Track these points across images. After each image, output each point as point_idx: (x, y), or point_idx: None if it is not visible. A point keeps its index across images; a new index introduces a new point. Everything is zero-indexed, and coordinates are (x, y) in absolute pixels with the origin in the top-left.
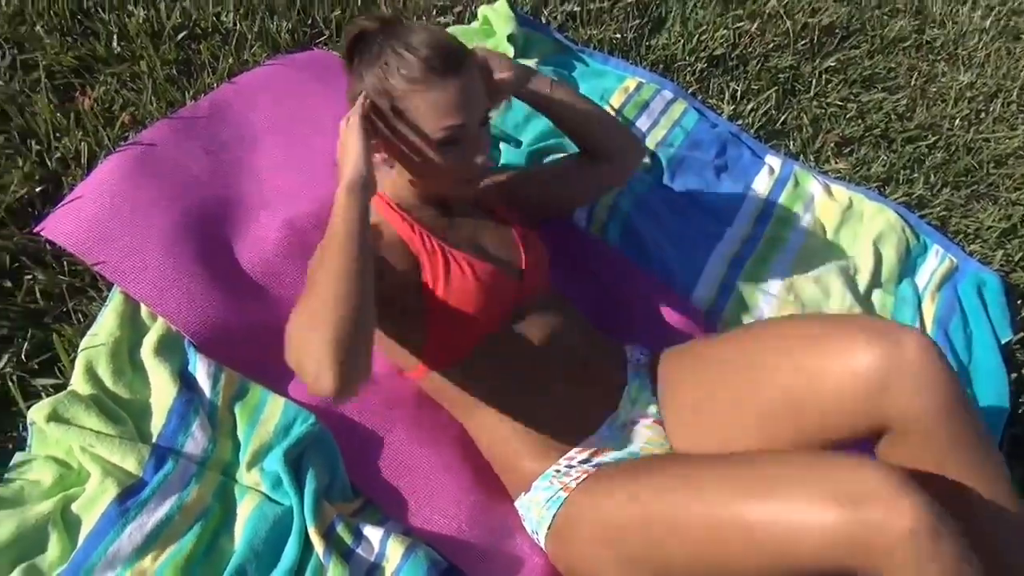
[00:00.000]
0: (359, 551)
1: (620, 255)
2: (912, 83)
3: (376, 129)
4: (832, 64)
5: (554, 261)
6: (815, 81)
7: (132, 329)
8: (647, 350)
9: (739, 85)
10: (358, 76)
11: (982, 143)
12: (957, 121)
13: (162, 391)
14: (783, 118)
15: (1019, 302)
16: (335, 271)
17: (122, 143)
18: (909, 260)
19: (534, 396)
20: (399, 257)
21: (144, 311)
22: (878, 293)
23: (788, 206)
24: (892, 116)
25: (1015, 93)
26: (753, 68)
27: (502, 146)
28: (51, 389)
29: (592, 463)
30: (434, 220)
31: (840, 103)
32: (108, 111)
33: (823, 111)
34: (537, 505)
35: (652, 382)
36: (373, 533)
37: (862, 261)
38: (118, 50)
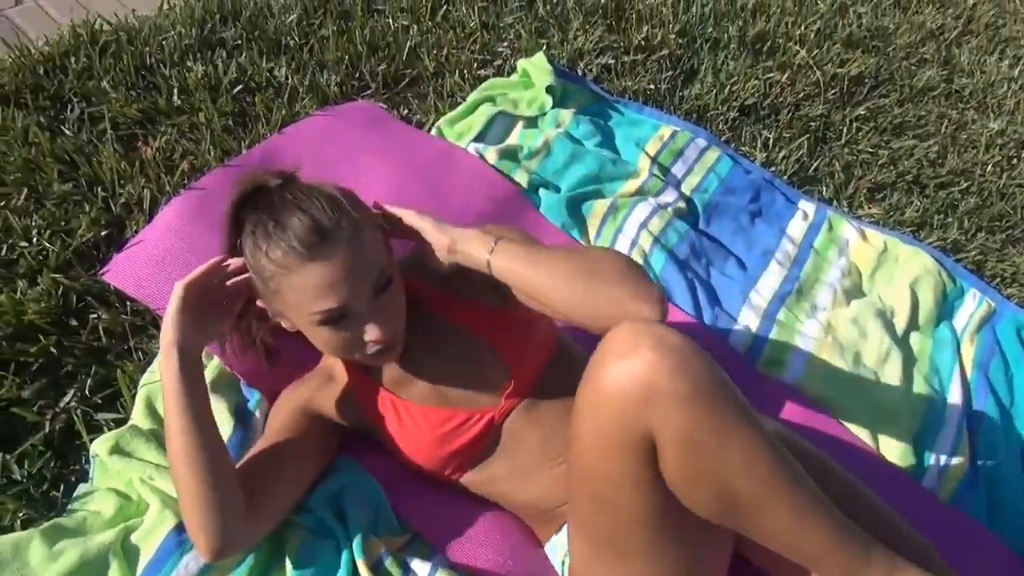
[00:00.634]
0: None
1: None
2: (943, 130)
3: (262, 299)
4: (862, 112)
5: None
6: (846, 129)
7: None
8: None
9: (771, 133)
10: (234, 238)
11: (1015, 189)
12: (989, 167)
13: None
14: (815, 165)
15: None
16: (174, 446)
17: (181, 189)
18: (946, 303)
19: (541, 484)
20: (348, 406)
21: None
22: (916, 336)
23: (823, 250)
24: (924, 162)
25: None
26: (784, 117)
27: (541, 192)
28: (112, 424)
29: None
30: (390, 373)
31: (871, 150)
32: (169, 159)
33: (855, 158)
34: (562, 547)
35: None
36: (421, 567)
37: (899, 304)
38: (178, 103)
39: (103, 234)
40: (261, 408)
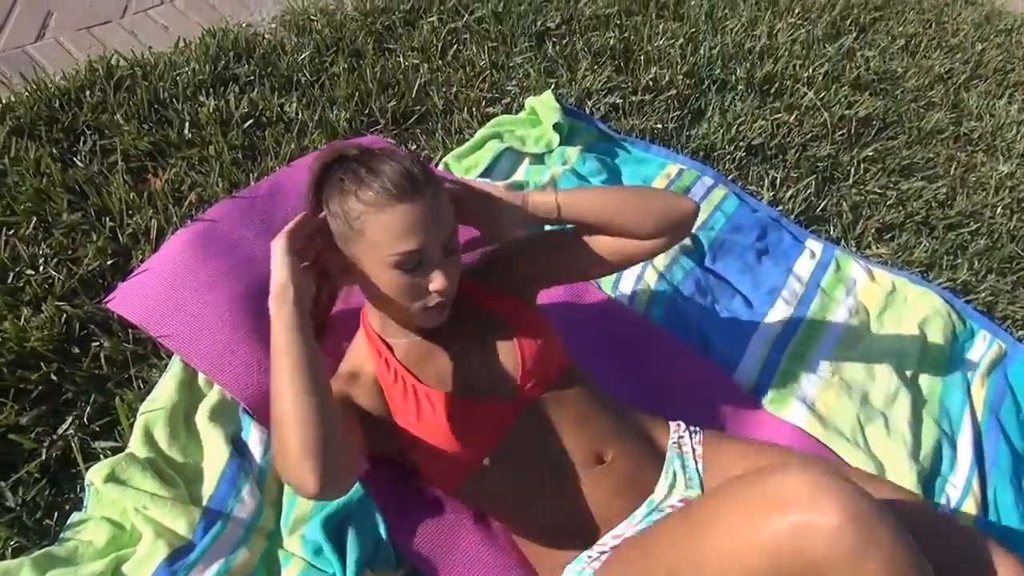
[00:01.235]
0: None
1: (665, 332)
2: (951, 172)
3: (337, 251)
4: (870, 153)
5: (595, 337)
6: (854, 169)
7: (189, 395)
8: (695, 428)
9: (778, 173)
10: (316, 200)
11: None
12: (999, 209)
13: (215, 456)
14: (823, 204)
15: None
16: (283, 382)
17: (188, 221)
18: (956, 344)
19: (549, 500)
20: (373, 399)
21: (202, 379)
22: (925, 377)
23: (830, 289)
24: (932, 204)
25: None
26: (792, 157)
27: (546, 227)
28: (109, 452)
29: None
30: (414, 348)
31: (879, 191)
32: (177, 191)
33: (863, 198)
34: None
35: (695, 462)
36: None
37: (907, 344)
38: (189, 136)
39: (109, 263)
40: (252, 436)
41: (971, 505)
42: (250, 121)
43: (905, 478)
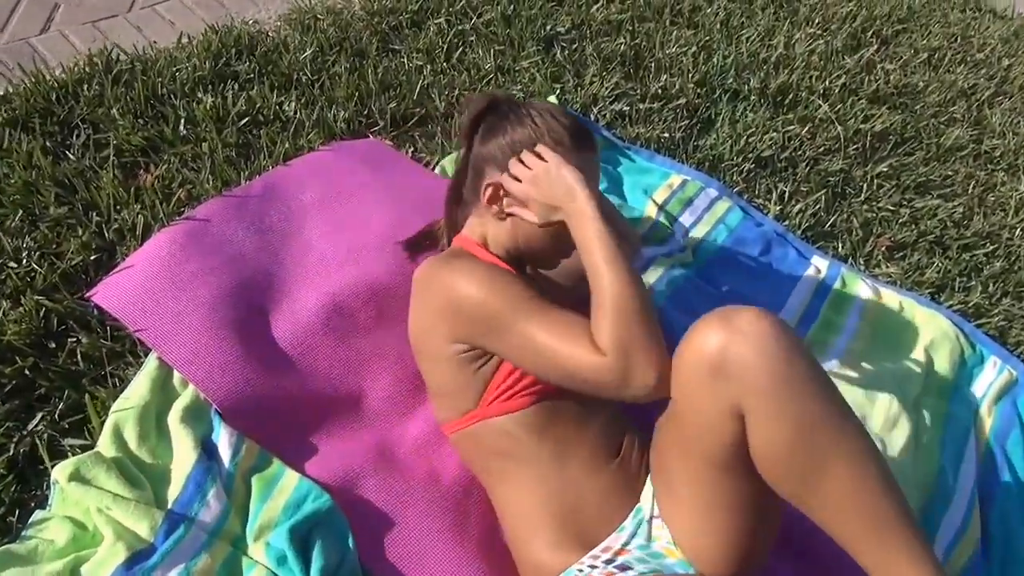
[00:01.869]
0: None
1: None
2: (969, 191)
3: (511, 179)
4: (885, 169)
5: None
6: (866, 185)
7: (162, 395)
8: None
9: (787, 186)
10: (499, 135)
11: None
12: (1018, 231)
13: (183, 457)
14: (832, 220)
15: None
16: (619, 268)
17: (176, 218)
18: (964, 370)
19: (566, 471)
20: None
21: (177, 378)
22: (929, 402)
23: (834, 308)
24: (948, 223)
25: None
26: (802, 170)
27: None
28: (78, 450)
29: (616, 563)
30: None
31: (892, 208)
32: (167, 187)
33: (874, 215)
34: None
35: None
36: None
37: (912, 368)
38: (184, 132)
39: (92, 259)
40: (222, 439)
41: (970, 541)
42: (246, 119)
43: None
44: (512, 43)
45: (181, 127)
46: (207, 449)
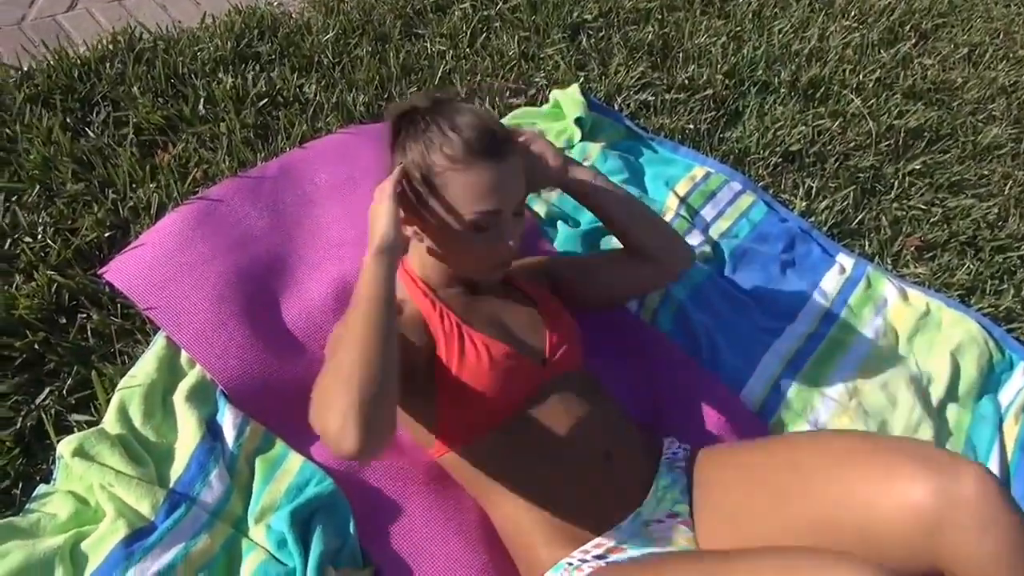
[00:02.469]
0: None
1: (670, 343)
2: (1006, 191)
3: (411, 202)
4: (917, 167)
5: (599, 342)
6: (898, 183)
7: (169, 374)
8: (687, 446)
9: (815, 182)
10: (400, 149)
11: None
12: None
13: (187, 437)
14: (860, 217)
15: None
16: (360, 334)
17: (191, 197)
18: (992, 376)
19: (550, 484)
20: (417, 334)
21: (184, 357)
22: (953, 408)
23: (857, 307)
24: (981, 223)
25: None
26: (831, 166)
27: (559, 225)
28: (84, 425)
29: (607, 560)
30: (457, 298)
31: (924, 206)
32: (184, 167)
33: (904, 213)
34: None
35: (687, 480)
36: None
37: (937, 372)
38: (203, 112)
39: (107, 236)
40: (227, 419)
41: None
42: (265, 100)
43: None
44: (537, 30)
45: (200, 107)
46: (211, 429)
